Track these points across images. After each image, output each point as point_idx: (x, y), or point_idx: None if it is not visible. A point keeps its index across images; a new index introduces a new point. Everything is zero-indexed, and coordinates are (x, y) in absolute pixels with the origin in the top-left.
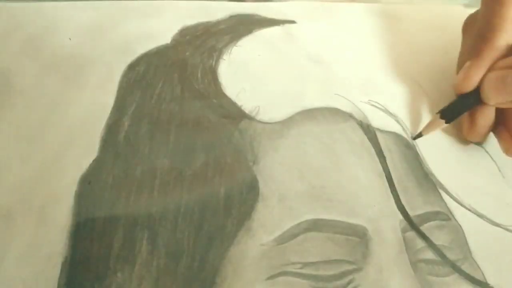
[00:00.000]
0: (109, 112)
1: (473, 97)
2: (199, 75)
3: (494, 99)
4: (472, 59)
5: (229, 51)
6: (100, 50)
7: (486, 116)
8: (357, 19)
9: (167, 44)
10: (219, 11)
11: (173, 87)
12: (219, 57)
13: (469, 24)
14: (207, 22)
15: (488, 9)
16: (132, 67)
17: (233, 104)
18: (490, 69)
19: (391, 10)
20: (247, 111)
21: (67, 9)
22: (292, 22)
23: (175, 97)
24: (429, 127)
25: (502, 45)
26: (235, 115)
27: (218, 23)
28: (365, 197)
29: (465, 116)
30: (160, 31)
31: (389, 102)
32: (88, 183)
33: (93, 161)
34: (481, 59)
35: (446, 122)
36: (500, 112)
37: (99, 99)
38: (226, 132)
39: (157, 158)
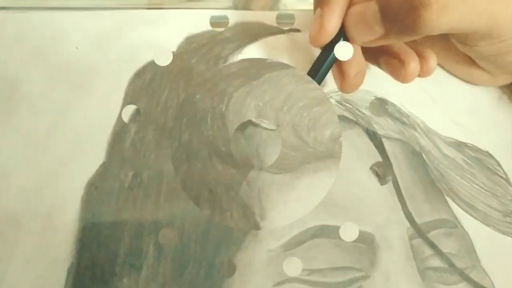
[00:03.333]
0: (115, 119)
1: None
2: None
3: (359, 38)
4: (323, 4)
5: (234, 58)
6: (107, 59)
7: (356, 63)
8: None
9: (173, 52)
10: None
11: (178, 94)
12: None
13: None
14: (213, 30)
15: None
16: (138, 75)
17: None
18: (349, 7)
19: None
20: None
21: (73, 18)
22: (297, 30)
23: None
24: None
25: None
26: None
27: (223, 31)
28: (372, 204)
29: (333, 69)
30: (166, 40)
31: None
32: (95, 188)
33: (100, 166)
34: (332, 2)
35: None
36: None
37: (106, 106)
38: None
39: (163, 164)
